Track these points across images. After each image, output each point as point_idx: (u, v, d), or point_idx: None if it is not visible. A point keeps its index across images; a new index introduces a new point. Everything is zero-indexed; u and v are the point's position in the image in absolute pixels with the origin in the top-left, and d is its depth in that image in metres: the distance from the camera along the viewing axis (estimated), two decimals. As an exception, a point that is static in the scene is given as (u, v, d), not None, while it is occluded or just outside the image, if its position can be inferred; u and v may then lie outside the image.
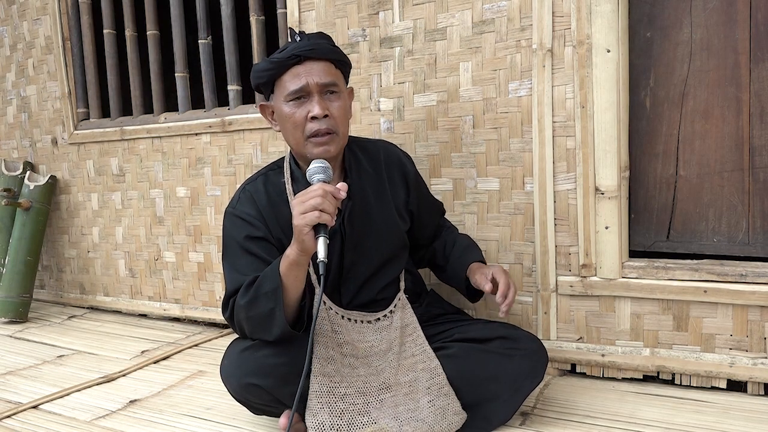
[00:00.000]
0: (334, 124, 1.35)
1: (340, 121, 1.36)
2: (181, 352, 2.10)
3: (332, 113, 1.34)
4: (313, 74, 1.33)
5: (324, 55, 1.35)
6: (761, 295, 1.46)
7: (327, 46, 1.37)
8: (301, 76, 1.33)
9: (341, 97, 1.37)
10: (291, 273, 1.23)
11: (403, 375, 1.34)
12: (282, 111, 1.37)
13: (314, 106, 1.32)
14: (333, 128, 1.34)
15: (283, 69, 1.34)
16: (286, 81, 1.35)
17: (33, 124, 2.82)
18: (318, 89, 1.33)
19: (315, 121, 1.33)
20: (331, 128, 1.34)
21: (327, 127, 1.33)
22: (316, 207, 1.14)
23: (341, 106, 1.37)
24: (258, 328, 1.30)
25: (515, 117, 1.70)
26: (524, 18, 1.66)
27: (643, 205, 1.65)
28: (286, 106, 1.35)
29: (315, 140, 1.34)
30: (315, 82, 1.33)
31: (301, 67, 1.33)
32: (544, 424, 1.39)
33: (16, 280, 2.59)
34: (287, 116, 1.36)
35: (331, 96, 1.36)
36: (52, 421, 1.55)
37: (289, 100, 1.35)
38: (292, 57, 1.33)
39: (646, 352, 1.60)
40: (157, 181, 2.47)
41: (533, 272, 1.72)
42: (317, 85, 1.33)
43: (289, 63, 1.33)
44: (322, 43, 1.36)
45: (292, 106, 1.35)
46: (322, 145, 1.34)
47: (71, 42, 2.65)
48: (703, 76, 1.55)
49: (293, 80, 1.33)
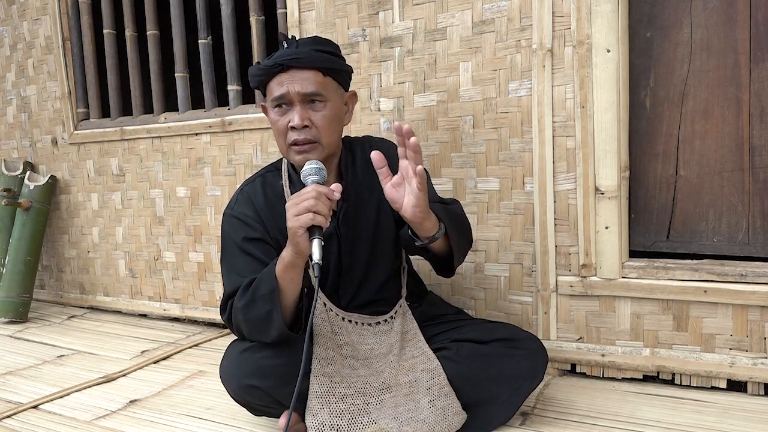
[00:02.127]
0: (316, 133, 1.33)
1: (323, 131, 1.34)
2: (181, 352, 2.10)
3: (315, 123, 1.33)
4: (295, 83, 1.31)
5: (309, 63, 1.32)
6: (761, 295, 1.46)
7: (313, 54, 1.33)
8: (284, 84, 1.32)
9: (327, 107, 1.35)
10: (287, 275, 1.23)
11: (403, 375, 1.34)
12: (270, 116, 1.40)
13: (294, 116, 1.32)
14: (314, 138, 1.33)
15: (269, 76, 1.35)
16: (272, 88, 1.36)
17: (33, 124, 2.82)
18: (299, 98, 1.32)
19: (294, 131, 1.33)
20: (312, 138, 1.33)
21: (305, 137, 1.32)
22: (310, 209, 1.14)
23: (325, 115, 1.34)
24: (256, 331, 1.30)
25: (515, 117, 1.70)
26: (524, 18, 1.66)
27: (643, 205, 1.65)
28: (272, 112, 1.38)
29: (294, 148, 1.35)
30: (296, 91, 1.31)
31: (284, 75, 1.32)
32: (544, 424, 1.39)
33: (16, 280, 2.59)
34: (273, 122, 1.38)
35: (315, 105, 1.34)
36: (52, 421, 1.55)
37: (273, 107, 1.36)
38: (275, 66, 1.32)
39: (646, 352, 1.60)
40: (157, 181, 2.47)
41: (533, 272, 1.72)
42: (298, 94, 1.32)
43: (274, 71, 1.33)
44: (307, 51, 1.32)
45: (277, 113, 1.36)
46: (302, 153, 1.34)
47: (71, 42, 2.65)
48: (703, 76, 1.55)
49: (276, 88, 1.34)
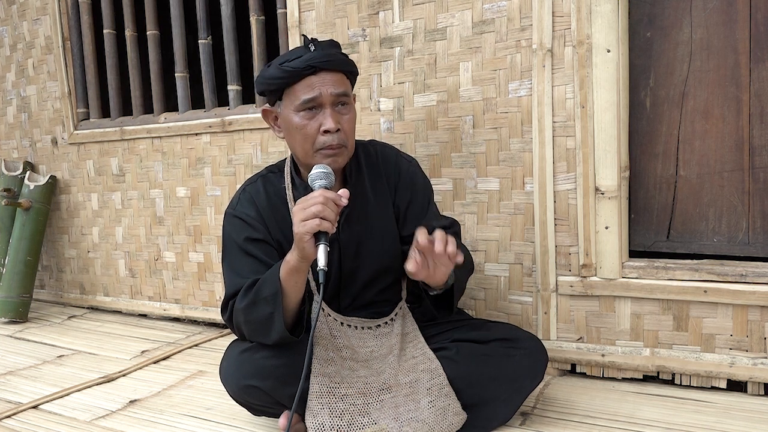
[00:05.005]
0: (344, 138, 1.34)
1: (349, 134, 1.36)
2: (181, 352, 2.10)
3: (343, 126, 1.33)
4: (327, 85, 1.31)
5: (338, 66, 1.33)
6: (761, 295, 1.46)
7: (341, 57, 1.36)
8: (315, 86, 1.31)
9: (351, 109, 1.36)
10: (291, 279, 1.22)
11: (403, 376, 1.34)
12: (291, 120, 1.34)
13: (327, 119, 1.31)
14: (343, 142, 1.34)
15: (296, 78, 1.32)
16: (298, 90, 1.32)
17: (33, 124, 2.81)
18: (331, 101, 1.32)
19: (327, 135, 1.32)
20: (342, 142, 1.33)
21: (338, 142, 1.32)
22: (317, 214, 1.13)
23: (351, 118, 1.36)
24: (257, 332, 1.30)
25: (515, 117, 1.70)
26: (524, 18, 1.66)
27: (643, 205, 1.65)
28: (297, 116, 1.33)
29: (324, 152, 1.33)
30: (329, 93, 1.31)
31: (315, 78, 1.31)
32: (544, 424, 1.39)
33: (16, 280, 2.59)
34: (297, 127, 1.33)
35: (342, 108, 1.34)
36: (52, 421, 1.55)
37: (300, 110, 1.33)
38: (308, 67, 1.30)
39: (646, 352, 1.60)
40: (157, 181, 2.47)
41: (533, 272, 1.72)
42: (331, 96, 1.31)
43: (305, 73, 1.31)
44: (336, 54, 1.35)
45: (303, 117, 1.33)
46: (331, 157, 1.33)
47: (71, 42, 2.65)
48: (703, 76, 1.55)
49: (306, 90, 1.31)
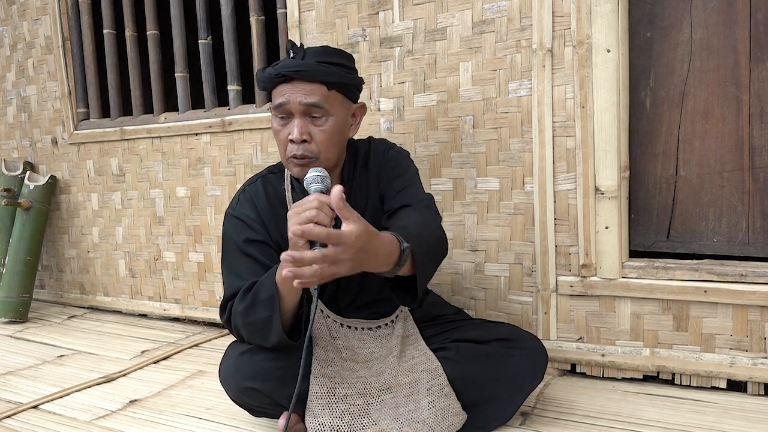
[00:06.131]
0: (314, 149, 1.31)
1: (322, 146, 1.32)
2: (181, 352, 2.10)
3: (314, 137, 1.31)
4: (297, 94, 1.29)
5: (314, 77, 1.29)
6: (761, 295, 1.46)
7: (319, 67, 1.29)
8: (285, 95, 1.30)
9: (328, 121, 1.32)
10: (287, 282, 1.21)
11: (403, 376, 1.34)
12: (272, 123, 1.38)
13: (293, 129, 1.30)
14: (311, 153, 1.31)
15: (272, 84, 1.33)
16: (274, 96, 1.35)
17: (33, 124, 2.81)
18: (300, 110, 1.30)
19: (292, 144, 1.32)
20: (308, 153, 1.31)
21: (303, 153, 1.31)
22: (311, 219, 1.11)
23: (325, 130, 1.32)
24: (255, 335, 1.30)
25: (515, 117, 1.70)
26: (524, 18, 1.66)
27: (643, 205, 1.65)
28: (275, 120, 1.36)
29: (292, 161, 1.33)
30: (297, 102, 1.29)
31: (287, 86, 1.30)
32: (544, 424, 1.39)
33: (16, 280, 2.59)
34: (274, 131, 1.37)
35: (315, 120, 1.31)
36: (52, 421, 1.55)
37: (276, 116, 1.35)
38: (279, 75, 1.30)
39: (646, 352, 1.60)
40: (157, 181, 2.47)
41: (533, 272, 1.72)
42: (298, 105, 1.29)
43: (276, 81, 1.32)
44: (312, 64, 1.29)
45: (278, 123, 1.35)
46: (299, 167, 1.33)
47: (71, 42, 2.65)
48: (703, 76, 1.55)
49: (277, 97, 1.33)
